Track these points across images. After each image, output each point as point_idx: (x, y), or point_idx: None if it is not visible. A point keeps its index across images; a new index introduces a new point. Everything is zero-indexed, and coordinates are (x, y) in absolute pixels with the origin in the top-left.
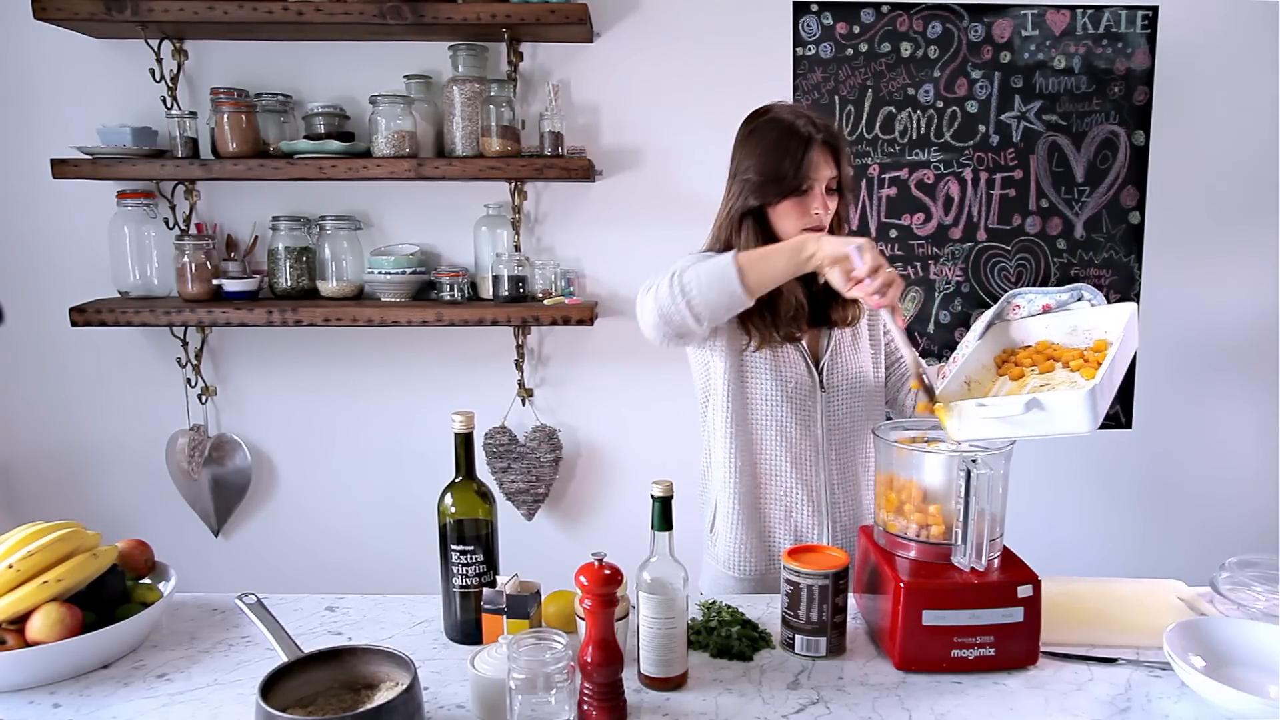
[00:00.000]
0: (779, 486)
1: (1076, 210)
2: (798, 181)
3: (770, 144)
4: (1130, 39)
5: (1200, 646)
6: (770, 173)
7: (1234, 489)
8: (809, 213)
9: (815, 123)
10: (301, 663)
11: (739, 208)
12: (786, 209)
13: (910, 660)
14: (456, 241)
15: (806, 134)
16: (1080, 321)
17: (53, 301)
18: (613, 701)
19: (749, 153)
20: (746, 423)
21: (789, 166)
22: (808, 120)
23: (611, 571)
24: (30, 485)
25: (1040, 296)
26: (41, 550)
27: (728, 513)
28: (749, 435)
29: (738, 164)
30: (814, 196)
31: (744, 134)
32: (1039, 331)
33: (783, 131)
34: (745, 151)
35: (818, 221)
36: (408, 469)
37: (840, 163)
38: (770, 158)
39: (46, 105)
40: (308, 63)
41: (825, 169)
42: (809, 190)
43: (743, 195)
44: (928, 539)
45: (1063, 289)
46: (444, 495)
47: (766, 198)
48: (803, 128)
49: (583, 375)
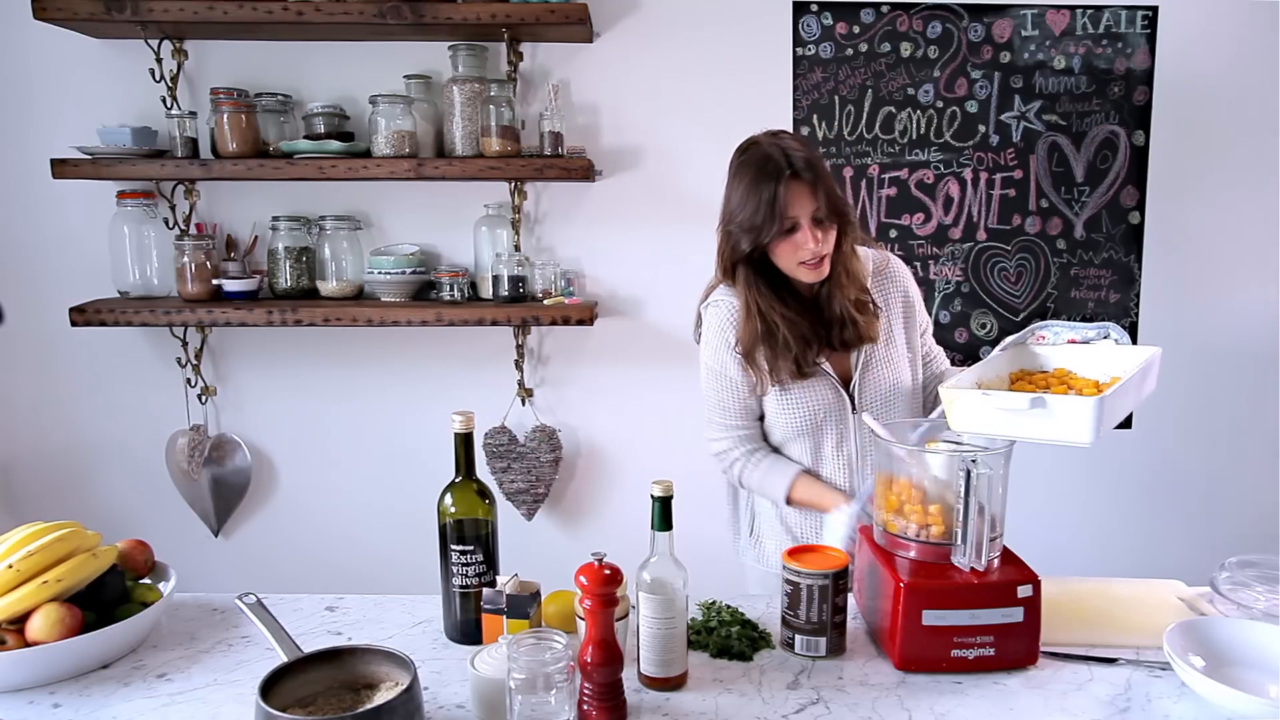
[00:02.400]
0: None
1: (1076, 210)
2: (779, 224)
3: (745, 190)
4: (1130, 39)
5: (1200, 646)
6: (749, 222)
7: (1234, 489)
8: (802, 248)
9: (789, 156)
10: (301, 663)
11: (729, 259)
12: (780, 249)
13: (910, 660)
14: (456, 241)
15: (775, 172)
16: (1103, 357)
17: (53, 301)
18: (613, 701)
19: (729, 197)
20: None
21: (763, 214)
22: (781, 154)
23: (611, 571)
24: (30, 485)
25: (1066, 331)
26: (41, 550)
27: (770, 512)
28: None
29: (723, 209)
30: (803, 232)
31: (730, 171)
32: (1059, 359)
33: (756, 172)
34: (728, 194)
35: (812, 255)
36: (408, 469)
37: (819, 192)
38: (747, 205)
39: (46, 105)
40: (308, 63)
41: (805, 203)
42: (795, 228)
43: (729, 246)
44: (928, 539)
45: (1090, 325)
46: (444, 495)
47: (751, 245)
48: (771, 168)
49: (583, 375)
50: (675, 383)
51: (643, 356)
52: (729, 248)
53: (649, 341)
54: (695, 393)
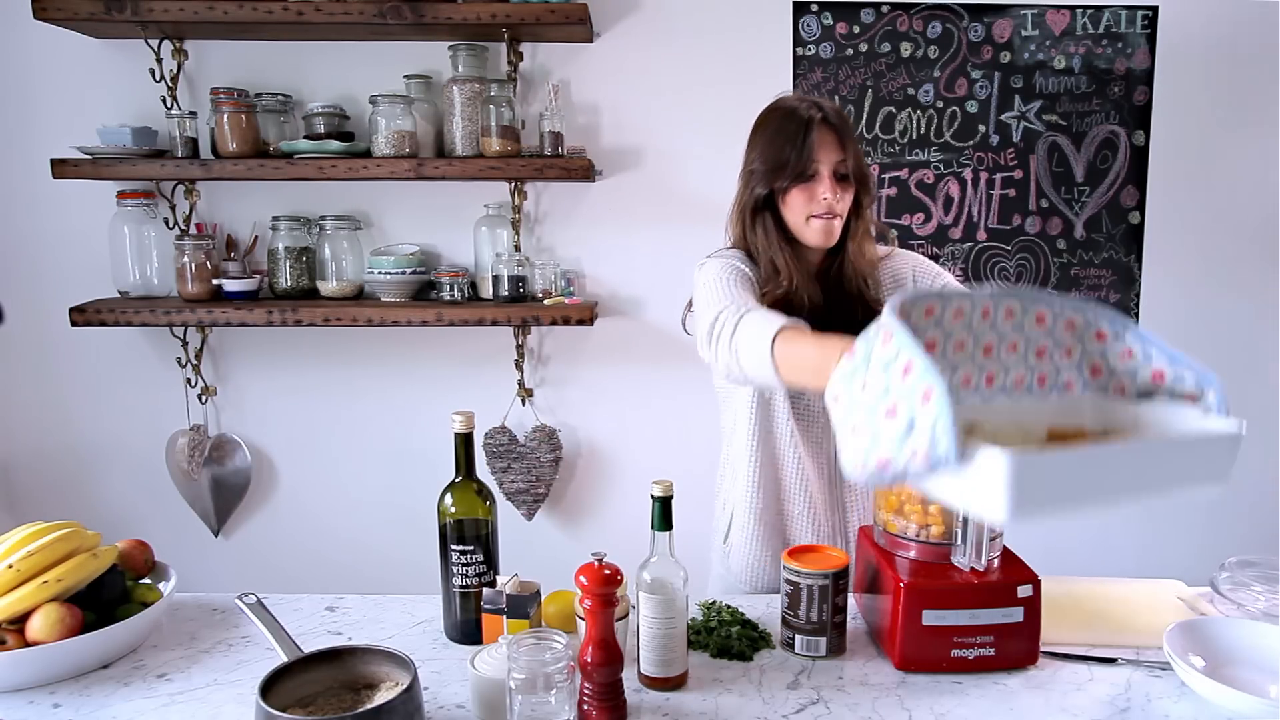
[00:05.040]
0: (798, 504)
1: (1076, 210)
2: (801, 165)
3: (773, 131)
4: (1130, 39)
5: (1200, 646)
6: (773, 158)
7: (1234, 489)
8: (817, 198)
9: (818, 104)
10: (301, 663)
11: (749, 201)
12: (794, 197)
13: (910, 660)
14: (456, 241)
15: (807, 116)
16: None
17: (53, 301)
18: (613, 701)
19: (754, 144)
20: (770, 439)
21: (790, 150)
22: (811, 104)
23: (611, 571)
24: (30, 485)
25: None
26: (41, 550)
27: (743, 526)
28: (772, 451)
29: (745, 156)
30: (820, 180)
31: (752, 128)
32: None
33: (784, 116)
34: (751, 143)
35: (827, 207)
36: (408, 469)
37: (845, 145)
38: (773, 144)
39: (46, 105)
40: (308, 63)
41: (831, 152)
42: (815, 175)
43: (750, 186)
44: (928, 539)
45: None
46: (444, 495)
47: (773, 185)
48: (804, 111)
49: (583, 375)
50: (675, 383)
51: (643, 356)
52: (748, 191)
53: (649, 341)
54: (695, 393)
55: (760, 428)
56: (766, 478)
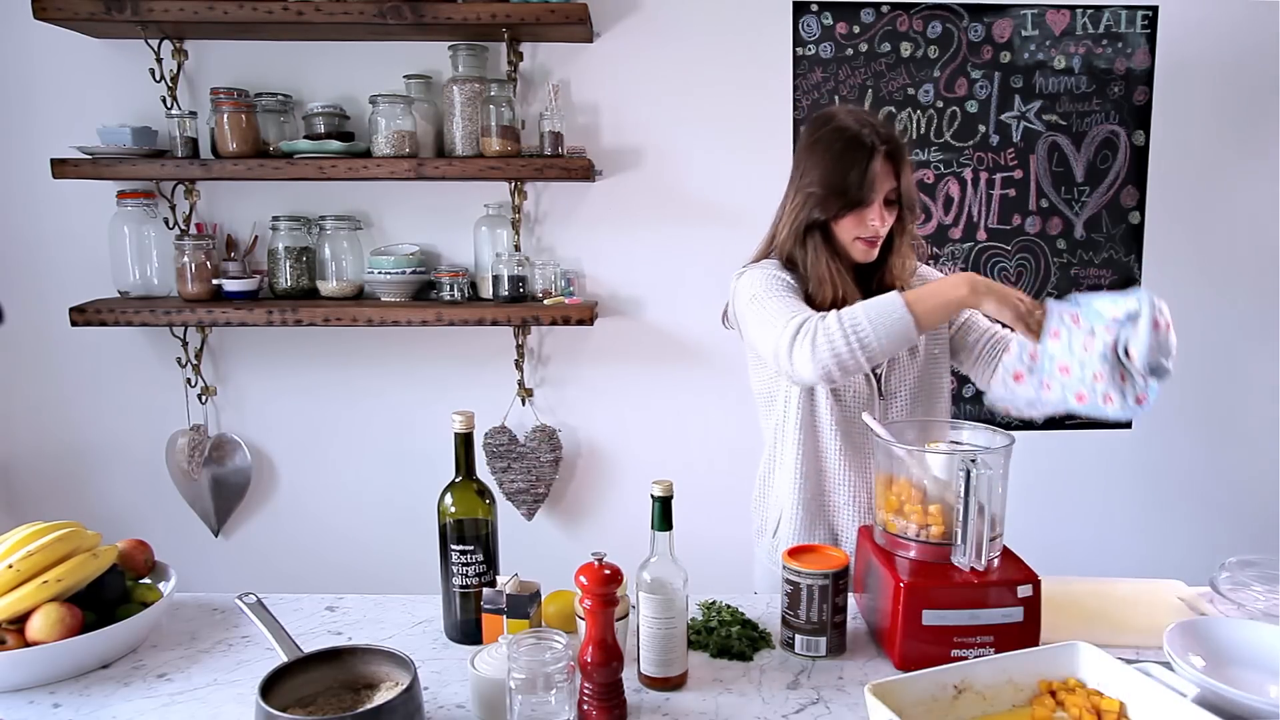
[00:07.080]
0: (842, 495)
1: (1076, 210)
2: (860, 195)
3: (836, 155)
4: (1130, 39)
5: (1200, 646)
6: (835, 186)
7: (1234, 489)
8: (865, 223)
9: (879, 132)
10: (301, 663)
11: (804, 220)
12: (846, 221)
13: (910, 660)
14: (456, 241)
15: (870, 144)
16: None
17: (53, 301)
18: (613, 701)
19: (814, 163)
20: (814, 430)
21: (854, 179)
22: (872, 130)
23: (611, 571)
24: (30, 485)
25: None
26: (41, 550)
27: (792, 518)
28: (816, 443)
29: (801, 173)
30: (872, 208)
31: (808, 141)
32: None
33: (848, 143)
34: (810, 161)
35: (874, 232)
36: (408, 469)
37: (901, 173)
38: (835, 170)
39: (46, 105)
40: (308, 63)
41: (886, 181)
42: (869, 203)
43: (807, 208)
44: (928, 539)
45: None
46: (444, 495)
47: (830, 211)
48: (867, 138)
49: (583, 375)
50: (675, 383)
51: (643, 356)
52: (804, 210)
53: (649, 341)
54: (695, 393)
55: (805, 420)
56: (811, 469)
